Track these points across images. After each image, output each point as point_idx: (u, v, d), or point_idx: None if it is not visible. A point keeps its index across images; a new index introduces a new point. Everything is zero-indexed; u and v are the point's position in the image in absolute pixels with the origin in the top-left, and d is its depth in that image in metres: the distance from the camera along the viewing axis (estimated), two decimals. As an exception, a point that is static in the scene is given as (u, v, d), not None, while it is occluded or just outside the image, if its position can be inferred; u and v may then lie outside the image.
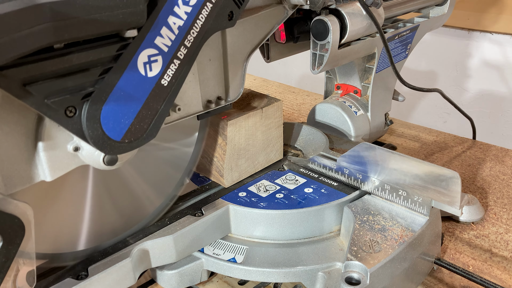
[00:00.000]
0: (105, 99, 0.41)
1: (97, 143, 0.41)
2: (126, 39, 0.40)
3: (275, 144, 0.68)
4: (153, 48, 0.42)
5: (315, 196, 0.60)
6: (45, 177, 0.43)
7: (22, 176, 0.42)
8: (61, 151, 0.43)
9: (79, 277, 0.48)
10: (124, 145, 0.43)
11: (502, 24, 1.10)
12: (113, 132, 0.42)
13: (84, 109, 0.40)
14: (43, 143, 0.41)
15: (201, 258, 0.56)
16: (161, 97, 0.45)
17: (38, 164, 0.42)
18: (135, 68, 0.42)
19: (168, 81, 0.45)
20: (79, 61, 0.38)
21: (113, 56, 0.40)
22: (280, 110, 0.66)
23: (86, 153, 0.44)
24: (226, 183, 0.63)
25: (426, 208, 0.55)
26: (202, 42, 0.46)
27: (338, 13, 0.64)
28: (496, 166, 0.84)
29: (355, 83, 0.78)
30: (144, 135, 0.45)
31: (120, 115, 0.42)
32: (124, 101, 0.42)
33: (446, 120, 1.29)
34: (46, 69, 0.37)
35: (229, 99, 0.57)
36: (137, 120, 0.43)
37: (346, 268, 0.50)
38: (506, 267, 0.60)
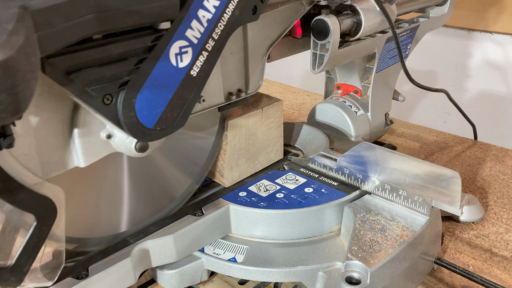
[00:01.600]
0: (139, 88, 0.43)
1: (132, 130, 0.43)
2: (160, 31, 0.42)
3: (276, 144, 0.68)
4: (184, 40, 0.44)
5: (315, 196, 0.60)
6: (79, 163, 0.44)
7: (58, 162, 0.43)
8: (95, 138, 0.45)
9: (80, 277, 0.48)
10: (156, 133, 0.45)
11: (502, 24, 1.10)
12: (146, 120, 0.44)
13: (120, 97, 0.42)
14: (78, 130, 0.43)
15: (202, 258, 0.56)
16: (190, 87, 0.46)
17: (73, 150, 0.44)
18: (168, 58, 0.43)
19: (197, 72, 0.46)
20: (117, 51, 0.40)
21: (148, 47, 0.42)
22: (281, 110, 0.66)
23: (118, 140, 0.45)
24: (226, 183, 0.63)
25: (426, 208, 0.55)
26: (228, 35, 0.48)
27: (353, 9, 0.65)
28: (496, 166, 0.84)
29: (355, 83, 0.78)
30: (174, 123, 0.47)
31: (153, 104, 0.44)
32: (157, 90, 0.44)
33: (446, 120, 1.29)
34: (87, 58, 0.38)
35: (249, 92, 0.59)
36: (168, 108, 0.45)
37: (346, 267, 0.50)
38: (506, 267, 0.60)
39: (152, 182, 0.57)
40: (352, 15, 0.65)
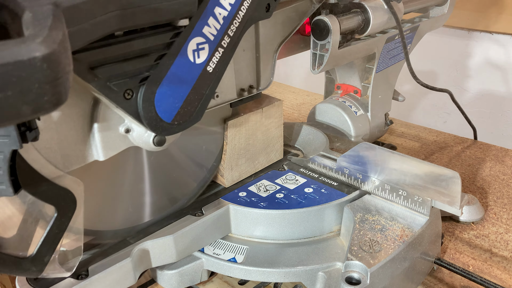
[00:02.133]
0: (159, 83, 0.44)
1: (151, 124, 0.45)
2: (179, 28, 0.43)
3: (275, 144, 0.68)
4: (201, 36, 0.45)
5: (315, 196, 0.60)
6: (98, 156, 0.46)
7: (78, 156, 0.45)
8: (114, 132, 0.46)
9: (80, 277, 0.48)
10: (174, 127, 0.47)
11: (502, 24, 1.10)
12: (165, 114, 0.45)
13: (140, 92, 0.43)
14: (98, 125, 0.45)
15: (201, 258, 0.56)
16: (207, 83, 0.48)
17: (93, 144, 0.45)
18: (185, 55, 0.45)
19: (213, 67, 0.48)
20: (138, 47, 0.41)
21: (167, 43, 0.43)
22: (280, 110, 0.66)
23: (136, 135, 0.47)
24: (226, 183, 0.63)
25: (426, 208, 0.55)
26: (243, 32, 0.49)
27: (361, 7, 0.66)
28: (496, 166, 0.84)
29: (355, 83, 0.78)
30: (191, 118, 0.48)
31: (172, 99, 0.45)
32: (176, 85, 0.45)
33: (446, 120, 1.29)
34: (110, 54, 0.40)
35: (260, 88, 0.62)
36: (186, 103, 0.47)
37: (346, 268, 0.50)
38: (506, 267, 0.60)
39: (167, 175, 0.58)
40: (360, 12, 0.66)
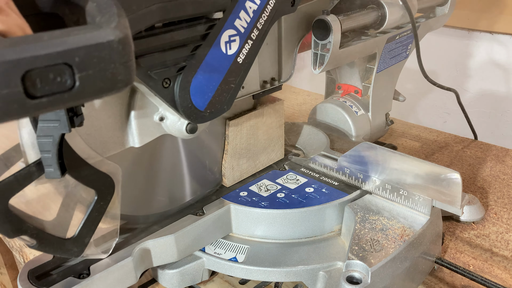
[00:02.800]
0: (194, 73, 0.46)
1: (186, 111, 0.47)
2: (213, 20, 0.46)
3: (276, 144, 0.68)
4: (233, 29, 0.48)
5: (316, 195, 0.60)
6: (134, 143, 0.48)
7: (115, 142, 0.47)
8: (149, 120, 0.49)
9: (81, 276, 0.48)
10: (206, 115, 0.49)
11: (502, 24, 1.10)
12: (199, 103, 0.48)
13: (177, 81, 0.45)
14: (135, 113, 0.47)
15: (202, 258, 0.56)
16: (237, 73, 0.50)
17: (129, 131, 0.48)
18: (219, 46, 0.47)
19: (242, 59, 0.50)
20: (177, 38, 0.43)
21: (202, 34, 0.45)
22: (282, 110, 0.66)
23: (170, 123, 0.49)
24: (227, 182, 0.63)
25: (427, 208, 0.56)
26: (270, 25, 0.51)
27: (377, 3, 0.68)
28: (496, 166, 0.84)
29: (356, 83, 0.78)
30: (222, 107, 0.50)
31: (205, 88, 0.48)
32: (209, 75, 0.47)
33: (446, 120, 1.29)
34: (152, 44, 0.42)
35: (281, 80, 0.64)
36: (218, 93, 0.49)
37: (347, 267, 0.50)
38: (506, 267, 0.60)
39: (197, 161, 0.60)
40: (376, 8, 0.68)
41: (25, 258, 0.66)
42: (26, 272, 0.49)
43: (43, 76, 0.25)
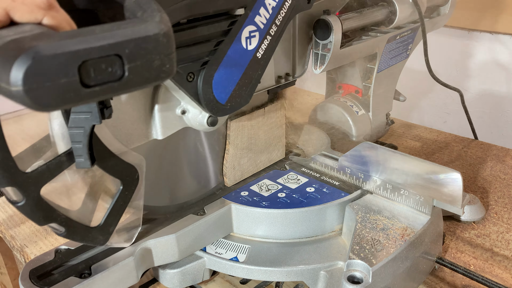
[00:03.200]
0: (216, 67, 0.48)
1: (208, 105, 0.49)
2: (235, 17, 0.47)
3: (277, 144, 0.68)
4: (253, 25, 0.49)
5: (317, 195, 0.60)
6: (157, 135, 0.50)
7: (139, 134, 0.49)
8: (171, 113, 0.50)
9: (82, 276, 0.48)
10: (227, 108, 0.50)
11: (502, 24, 1.10)
12: (220, 96, 0.49)
13: (200, 75, 0.47)
14: (158, 106, 0.49)
15: (203, 257, 0.56)
16: (256, 68, 0.52)
17: (152, 124, 0.49)
18: (240, 41, 0.49)
19: (261, 54, 0.51)
20: (201, 34, 0.45)
21: (224, 30, 0.47)
22: (283, 109, 0.67)
23: (192, 116, 0.51)
24: (228, 182, 0.63)
25: (427, 207, 0.56)
26: (288, 21, 0.53)
27: (388, 1, 0.71)
28: (497, 166, 0.84)
29: (356, 83, 0.78)
30: (241, 100, 0.52)
31: (226, 82, 0.49)
32: (230, 70, 0.49)
33: (446, 120, 1.29)
34: (178, 40, 0.41)
35: (295, 75, 0.65)
36: (238, 86, 0.50)
37: (348, 267, 0.50)
38: (507, 266, 0.60)
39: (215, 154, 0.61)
40: (387, 5, 0.71)
41: (26, 258, 0.66)
42: (27, 272, 0.49)
43: (96, 66, 0.26)
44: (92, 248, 0.52)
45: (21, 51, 0.24)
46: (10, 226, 0.72)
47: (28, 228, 0.71)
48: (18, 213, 0.75)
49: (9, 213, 0.76)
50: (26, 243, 0.67)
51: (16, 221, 0.73)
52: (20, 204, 0.38)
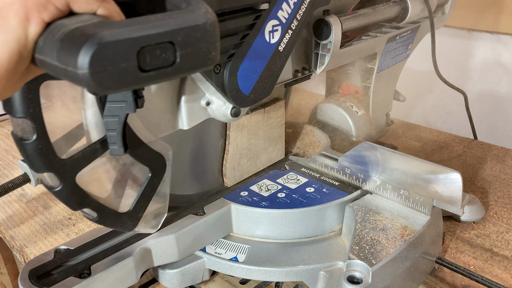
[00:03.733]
0: (242, 60, 0.49)
1: (233, 96, 0.50)
2: (260, 11, 0.49)
3: (277, 144, 0.68)
4: (276, 19, 0.51)
5: (317, 195, 0.60)
6: (183, 125, 0.52)
7: (167, 124, 0.51)
8: (197, 104, 0.52)
9: (82, 276, 0.48)
10: (250, 99, 0.52)
11: (502, 24, 1.10)
12: (245, 88, 0.51)
13: (227, 67, 0.49)
14: (185, 97, 0.51)
15: (203, 257, 0.56)
16: (277, 61, 0.53)
17: (179, 114, 0.51)
18: (263, 35, 0.50)
19: (283, 47, 0.53)
20: (229, 27, 0.46)
21: (250, 24, 0.49)
22: (282, 110, 0.67)
23: (216, 107, 0.53)
24: (228, 182, 0.63)
25: (427, 208, 0.56)
26: (308, 16, 0.55)
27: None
28: (496, 166, 0.84)
29: (356, 83, 0.78)
30: (263, 92, 0.54)
31: (250, 74, 0.51)
32: (254, 62, 0.51)
33: (446, 120, 1.29)
34: None
35: (312, 70, 0.66)
36: (261, 78, 0.52)
37: (348, 267, 0.50)
38: (507, 267, 0.60)
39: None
40: (399, 2, 0.72)
41: (25, 258, 0.66)
42: (27, 272, 0.49)
43: (152, 52, 0.28)
44: (91, 248, 0.52)
45: (87, 37, 0.26)
46: (10, 226, 0.72)
47: (28, 228, 0.71)
48: (18, 213, 0.75)
49: (8, 213, 0.76)
50: (25, 243, 0.67)
51: (16, 221, 0.73)
52: (57, 189, 0.40)
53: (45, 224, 0.72)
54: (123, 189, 0.47)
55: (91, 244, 0.53)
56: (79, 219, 0.72)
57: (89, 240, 0.54)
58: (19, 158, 0.69)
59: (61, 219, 0.73)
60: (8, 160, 0.95)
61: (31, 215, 0.75)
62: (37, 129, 0.37)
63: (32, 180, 0.68)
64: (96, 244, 0.53)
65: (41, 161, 0.38)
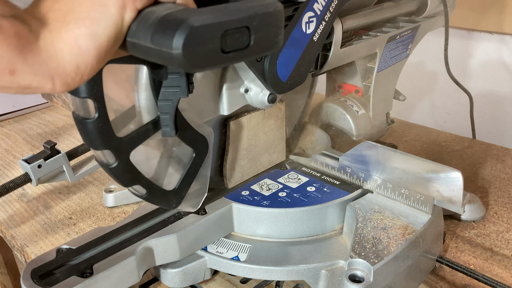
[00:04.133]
0: (281, 49, 0.53)
1: (272, 82, 0.54)
2: (298, 3, 0.52)
3: (278, 145, 0.68)
4: (312, 11, 0.55)
5: (318, 194, 0.60)
6: (223, 111, 0.56)
7: (209, 110, 0.55)
8: (236, 92, 0.55)
9: (84, 275, 0.48)
10: (287, 86, 0.56)
11: (502, 24, 1.10)
12: (282, 75, 0.54)
13: (267, 56, 0.52)
14: (226, 85, 0.54)
15: (205, 257, 0.56)
16: (312, 50, 0.57)
17: (220, 101, 0.55)
18: (300, 26, 0.54)
19: (317, 37, 0.57)
20: None
21: (289, 15, 0.52)
22: (283, 111, 0.67)
23: (253, 94, 0.56)
24: (229, 184, 0.63)
25: (428, 206, 0.56)
26: (339, 8, 0.58)
27: None
28: (496, 165, 0.84)
29: (356, 83, 0.78)
30: (298, 79, 0.57)
31: (288, 62, 0.54)
32: (292, 51, 0.54)
33: (446, 120, 1.29)
34: None
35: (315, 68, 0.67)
36: (297, 66, 0.56)
37: (349, 266, 0.50)
38: (507, 266, 0.60)
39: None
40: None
41: (26, 257, 0.66)
42: (29, 271, 0.49)
43: (232, 36, 0.31)
44: (93, 248, 0.53)
45: (181, 22, 0.29)
46: (11, 226, 0.72)
47: (29, 228, 0.71)
48: (18, 213, 0.75)
49: (9, 213, 0.76)
50: (26, 243, 0.67)
51: (17, 221, 0.73)
52: (112, 166, 0.43)
53: (45, 223, 0.72)
54: (166, 169, 0.50)
55: (93, 243, 0.53)
56: (80, 219, 0.73)
57: (91, 239, 0.54)
58: (20, 158, 0.69)
59: (61, 219, 0.73)
60: (9, 160, 0.95)
61: (32, 214, 0.75)
62: (99, 108, 0.40)
63: (33, 180, 0.68)
64: (98, 243, 0.53)
65: (100, 138, 0.41)
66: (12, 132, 1.08)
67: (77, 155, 0.75)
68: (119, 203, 0.75)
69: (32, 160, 0.68)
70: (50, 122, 1.12)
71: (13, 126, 1.12)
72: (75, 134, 1.05)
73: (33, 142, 1.02)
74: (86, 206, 0.76)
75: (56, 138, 1.03)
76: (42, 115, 1.18)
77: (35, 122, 1.13)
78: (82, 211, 0.75)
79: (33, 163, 0.67)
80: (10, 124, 1.13)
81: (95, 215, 0.73)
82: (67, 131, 1.07)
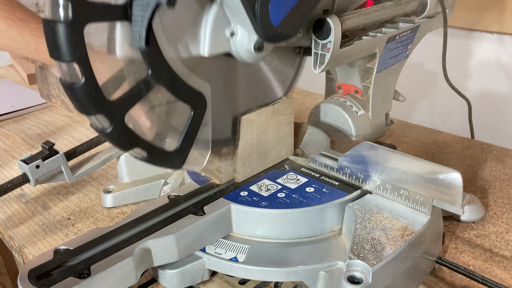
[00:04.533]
0: None
1: (262, 22, 0.49)
2: None
3: (286, 141, 0.69)
4: None
5: (317, 195, 0.60)
6: (204, 51, 0.50)
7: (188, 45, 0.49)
8: (221, 33, 0.51)
9: (82, 276, 0.48)
10: (276, 33, 0.51)
11: (502, 24, 1.10)
12: (274, 17, 0.50)
13: None
14: (211, 22, 0.49)
15: (203, 257, 0.56)
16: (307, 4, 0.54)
17: (202, 39, 0.50)
18: None
19: None
20: None
21: None
22: (291, 107, 0.67)
23: (240, 39, 0.52)
24: (239, 178, 0.63)
25: (427, 207, 0.56)
26: None
27: None
28: (496, 166, 0.84)
29: (356, 83, 0.78)
30: (290, 30, 0.53)
31: (283, 4, 0.51)
32: None
33: (446, 120, 1.29)
34: None
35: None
36: (291, 13, 0.52)
37: (348, 267, 0.50)
38: (506, 267, 0.60)
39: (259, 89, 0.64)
40: None
41: (24, 258, 0.66)
42: (26, 272, 0.49)
43: None
44: (91, 248, 0.52)
45: None
46: (9, 226, 0.72)
47: (27, 229, 0.71)
48: (16, 214, 0.75)
49: (7, 213, 0.75)
50: (24, 244, 0.67)
51: (15, 221, 0.73)
52: (108, 131, 0.42)
53: (44, 224, 0.72)
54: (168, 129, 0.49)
55: (91, 244, 0.53)
56: (78, 219, 0.72)
57: (89, 240, 0.54)
58: (18, 158, 0.69)
59: (60, 220, 0.73)
60: (7, 160, 0.95)
61: (30, 215, 0.74)
62: (85, 72, 0.38)
63: (31, 180, 0.68)
64: (95, 244, 0.53)
65: (91, 103, 0.40)
66: (11, 133, 1.08)
67: (76, 156, 0.75)
68: (117, 204, 0.75)
69: (30, 160, 0.67)
70: (49, 123, 1.12)
71: (12, 126, 1.12)
72: (74, 135, 1.05)
73: (32, 143, 1.01)
74: (85, 207, 0.76)
75: (55, 138, 1.03)
76: (41, 115, 1.18)
77: (34, 123, 1.13)
78: (80, 212, 0.74)
79: (31, 164, 0.67)
80: (9, 124, 1.13)
81: (93, 215, 0.73)
82: (66, 132, 1.07)
